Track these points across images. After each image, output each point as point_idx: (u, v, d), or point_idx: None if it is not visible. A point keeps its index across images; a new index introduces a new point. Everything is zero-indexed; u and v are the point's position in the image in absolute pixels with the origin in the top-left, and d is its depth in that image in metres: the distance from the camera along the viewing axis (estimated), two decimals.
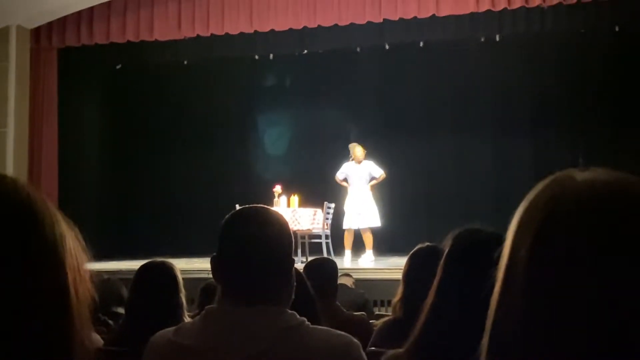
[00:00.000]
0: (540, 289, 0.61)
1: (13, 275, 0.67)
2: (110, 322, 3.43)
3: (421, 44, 9.33)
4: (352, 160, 8.81)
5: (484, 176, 10.49)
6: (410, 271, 2.57)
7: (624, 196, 0.63)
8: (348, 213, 8.77)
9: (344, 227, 8.87)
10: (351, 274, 5.62)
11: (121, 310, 3.43)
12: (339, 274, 5.30)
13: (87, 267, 0.77)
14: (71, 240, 0.75)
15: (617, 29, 8.83)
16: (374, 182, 8.79)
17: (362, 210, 8.68)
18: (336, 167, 9.00)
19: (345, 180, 8.87)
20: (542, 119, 10.45)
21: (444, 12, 8.38)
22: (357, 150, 8.79)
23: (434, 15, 8.41)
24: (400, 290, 2.60)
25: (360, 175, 8.77)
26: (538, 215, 0.64)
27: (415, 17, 8.48)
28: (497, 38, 9.03)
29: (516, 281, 0.64)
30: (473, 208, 9.22)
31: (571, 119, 10.35)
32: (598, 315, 0.58)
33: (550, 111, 10.38)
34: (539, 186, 0.68)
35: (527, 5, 8.18)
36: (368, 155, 8.88)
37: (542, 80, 10.29)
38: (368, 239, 8.75)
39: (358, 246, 8.91)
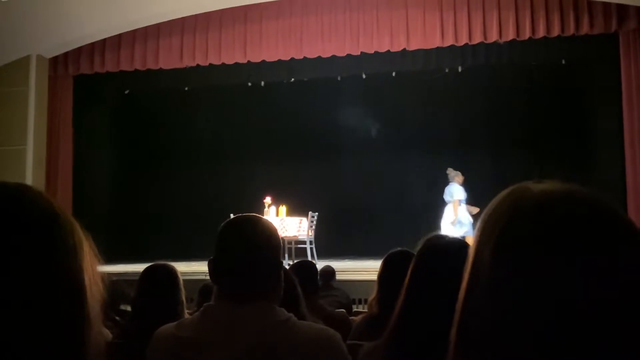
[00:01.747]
0: (503, 285, 0.62)
1: (39, 275, 0.67)
2: (118, 318, 3.39)
3: (394, 73, 9.41)
4: (457, 182, 8.65)
5: None
6: (384, 273, 2.56)
7: (573, 203, 0.64)
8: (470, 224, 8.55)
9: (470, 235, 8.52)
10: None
11: (127, 307, 3.39)
12: None
13: (100, 270, 0.76)
14: (86, 246, 0.74)
15: (563, 62, 8.97)
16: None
17: None
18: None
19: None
20: (500, 139, 10.54)
21: (413, 47, 8.47)
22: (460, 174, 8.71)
23: (404, 49, 8.49)
24: (375, 290, 2.59)
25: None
26: (500, 221, 0.65)
27: (388, 51, 8.56)
28: (460, 69, 9.13)
29: (481, 278, 0.64)
30: (439, 216, 9.24)
31: (524, 137, 10.45)
32: (555, 308, 0.59)
33: (506, 131, 10.47)
34: (500, 196, 0.68)
35: (485, 41, 8.28)
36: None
37: (499, 105, 10.39)
38: None
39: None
